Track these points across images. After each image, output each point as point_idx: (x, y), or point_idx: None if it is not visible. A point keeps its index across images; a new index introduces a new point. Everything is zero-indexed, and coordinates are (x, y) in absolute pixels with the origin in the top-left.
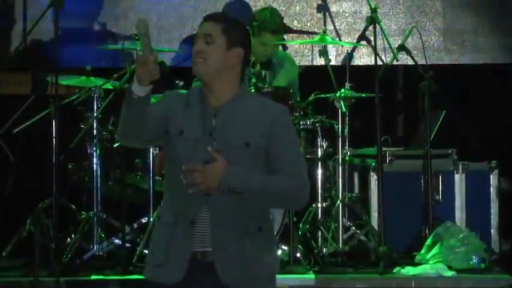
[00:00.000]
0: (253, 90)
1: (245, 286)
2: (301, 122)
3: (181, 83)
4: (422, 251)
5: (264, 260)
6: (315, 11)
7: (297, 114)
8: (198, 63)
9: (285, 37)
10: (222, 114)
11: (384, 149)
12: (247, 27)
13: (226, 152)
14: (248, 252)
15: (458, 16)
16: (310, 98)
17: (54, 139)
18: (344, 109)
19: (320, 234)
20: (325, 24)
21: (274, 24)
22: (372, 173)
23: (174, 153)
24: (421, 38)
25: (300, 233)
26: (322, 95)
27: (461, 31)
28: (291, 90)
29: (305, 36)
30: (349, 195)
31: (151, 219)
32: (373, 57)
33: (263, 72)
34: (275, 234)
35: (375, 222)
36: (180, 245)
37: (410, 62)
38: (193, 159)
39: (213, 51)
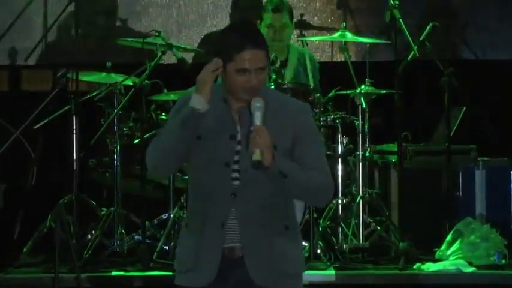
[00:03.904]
0: (273, 87)
1: (273, 285)
2: (321, 118)
3: None
4: (443, 247)
5: (292, 258)
6: (335, 7)
7: (317, 111)
8: (256, 94)
9: (305, 33)
10: (245, 116)
11: (404, 145)
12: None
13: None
14: (277, 248)
15: (478, 12)
16: (331, 94)
17: (74, 135)
18: (364, 105)
19: (340, 230)
20: (345, 20)
21: (274, 1)
22: (392, 169)
23: (195, 159)
24: (440, 34)
25: (320, 229)
26: (342, 91)
27: (481, 27)
28: (311, 86)
29: (325, 32)
30: (370, 192)
31: (171, 216)
32: (393, 53)
33: (282, 70)
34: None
35: (395, 218)
36: (210, 247)
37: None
38: (214, 160)
39: (264, 77)
